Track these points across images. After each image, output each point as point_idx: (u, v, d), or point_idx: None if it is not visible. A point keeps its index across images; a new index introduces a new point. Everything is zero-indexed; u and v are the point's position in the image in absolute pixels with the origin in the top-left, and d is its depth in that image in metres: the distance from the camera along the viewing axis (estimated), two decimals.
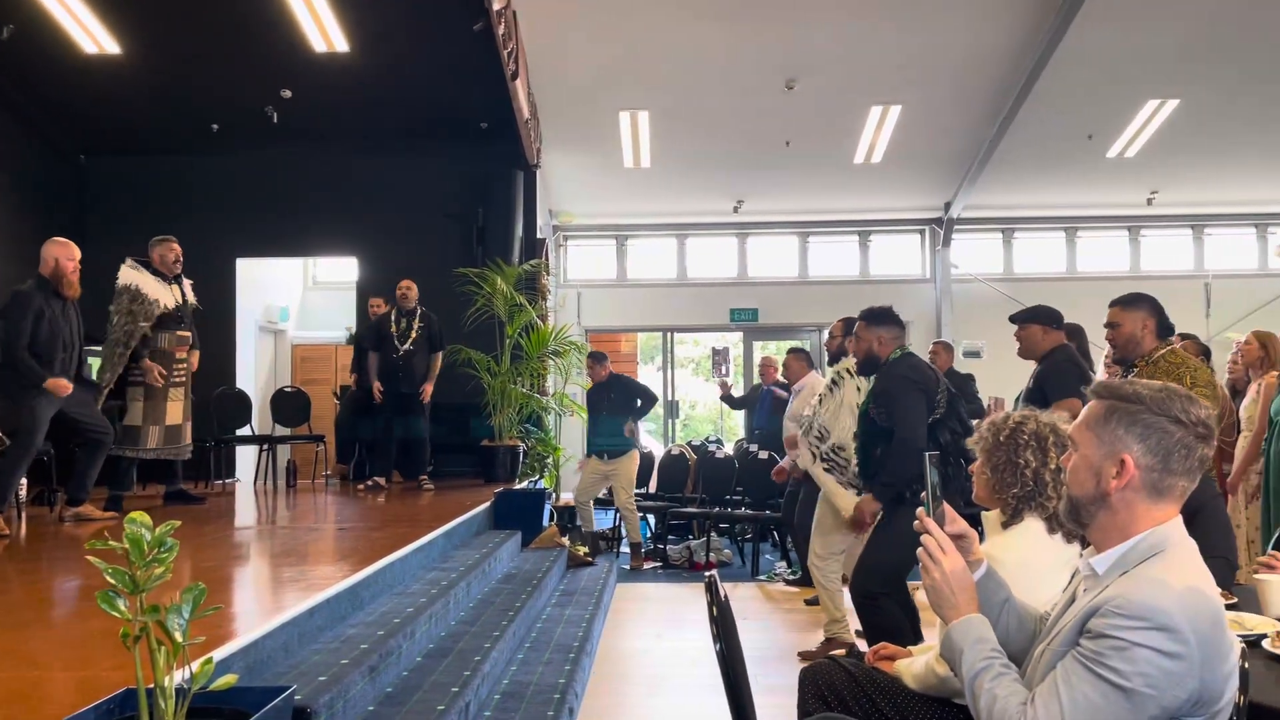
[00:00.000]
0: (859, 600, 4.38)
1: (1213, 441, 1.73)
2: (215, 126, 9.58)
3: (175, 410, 6.44)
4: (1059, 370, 4.64)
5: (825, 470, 5.17)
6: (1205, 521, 2.84)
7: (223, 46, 8.41)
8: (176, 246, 6.49)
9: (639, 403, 8.36)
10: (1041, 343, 4.81)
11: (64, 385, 5.50)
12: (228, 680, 2.29)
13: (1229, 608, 2.51)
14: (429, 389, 8.05)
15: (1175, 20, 9.15)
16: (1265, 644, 2.14)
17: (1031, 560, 2.32)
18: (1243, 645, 1.72)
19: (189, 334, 6.56)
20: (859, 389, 4.93)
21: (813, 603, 6.23)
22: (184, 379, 6.53)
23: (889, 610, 4.28)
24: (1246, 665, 1.67)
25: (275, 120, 9.23)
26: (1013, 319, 4.94)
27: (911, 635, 4.19)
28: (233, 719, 2.30)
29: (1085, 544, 2.53)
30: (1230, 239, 13.72)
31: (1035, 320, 4.84)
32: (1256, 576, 2.62)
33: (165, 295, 6.38)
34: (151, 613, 1.92)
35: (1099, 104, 10.56)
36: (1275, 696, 1.82)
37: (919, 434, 4.18)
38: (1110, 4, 8.69)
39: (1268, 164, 11.94)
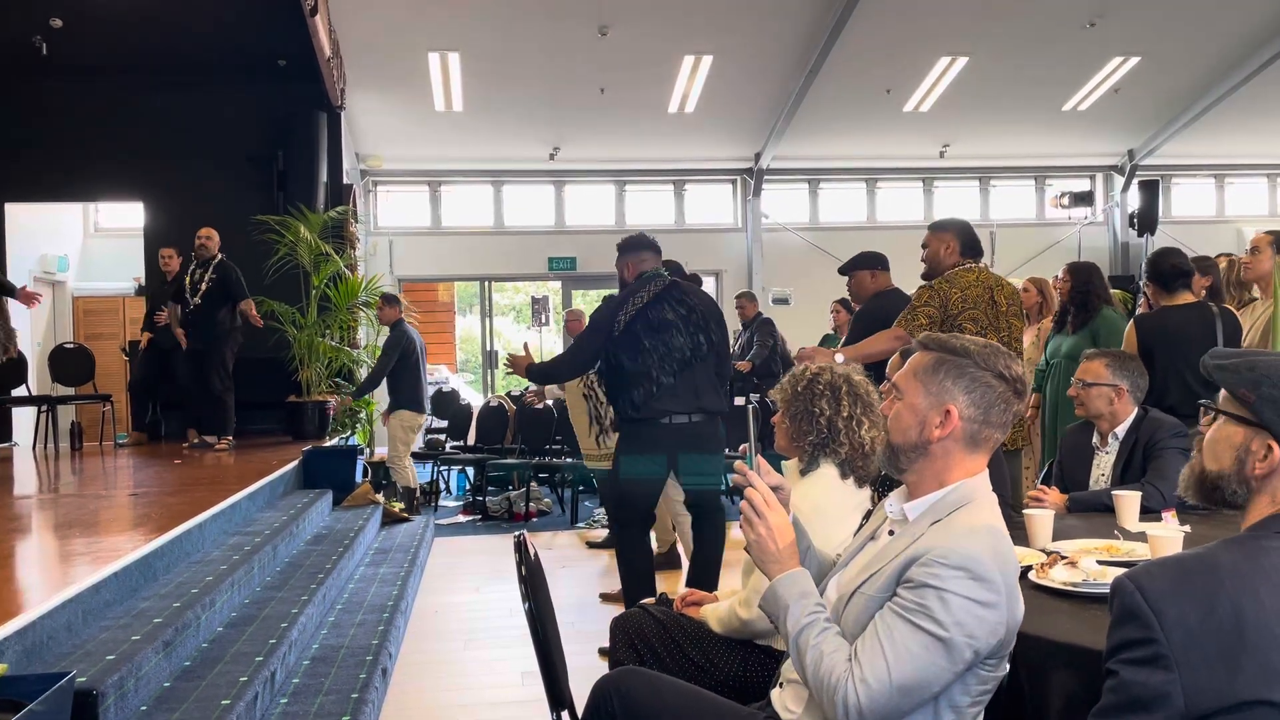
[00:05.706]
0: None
1: (1025, 397, 1.83)
2: None
3: None
4: (861, 319, 4.96)
5: (584, 395, 5.29)
6: None
7: None
8: None
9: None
10: (869, 286, 5.14)
11: None
12: None
13: None
14: (256, 318, 7.63)
15: None
16: (1031, 575, 2.32)
17: (825, 505, 2.43)
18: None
19: None
20: None
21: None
22: None
23: (628, 540, 4.37)
24: None
25: (45, 52, 8.41)
26: (840, 270, 5.25)
27: (649, 582, 4.33)
28: (6, 710, 2.15)
29: (881, 487, 2.68)
30: (1012, 190, 14.68)
31: (858, 267, 5.18)
32: (1026, 511, 2.84)
33: None
34: None
35: (896, 59, 11.01)
36: (1037, 625, 1.98)
37: (578, 357, 4.68)
38: None
39: (1046, 120, 12.79)
